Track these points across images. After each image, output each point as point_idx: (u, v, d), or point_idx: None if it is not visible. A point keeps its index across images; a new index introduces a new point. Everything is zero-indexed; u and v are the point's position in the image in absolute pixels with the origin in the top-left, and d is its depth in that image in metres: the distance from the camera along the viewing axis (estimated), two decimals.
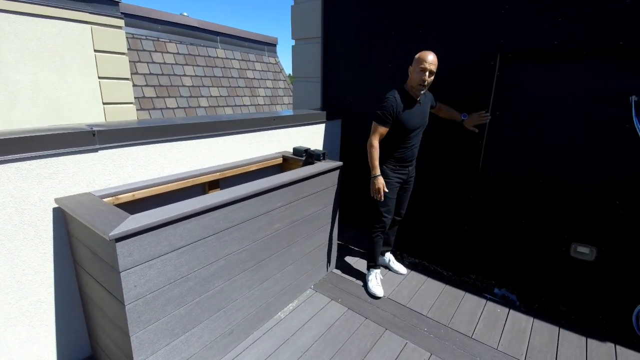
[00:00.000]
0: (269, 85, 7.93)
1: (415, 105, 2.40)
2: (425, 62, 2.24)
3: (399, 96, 2.34)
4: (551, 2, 2.29)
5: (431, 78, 2.30)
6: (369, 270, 2.72)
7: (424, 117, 2.48)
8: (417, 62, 2.28)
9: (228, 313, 2.02)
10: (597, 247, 2.43)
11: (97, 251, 1.56)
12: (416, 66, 2.28)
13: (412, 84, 2.34)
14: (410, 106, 2.38)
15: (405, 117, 2.36)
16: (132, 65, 5.40)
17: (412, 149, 2.50)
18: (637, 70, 2.12)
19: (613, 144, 2.26)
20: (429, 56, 2.25)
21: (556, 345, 2.18)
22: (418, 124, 2.44)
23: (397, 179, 2.53)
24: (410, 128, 2.40)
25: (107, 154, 1.89)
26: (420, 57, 2.27)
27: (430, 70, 2.25)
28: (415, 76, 2.29)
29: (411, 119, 2.38)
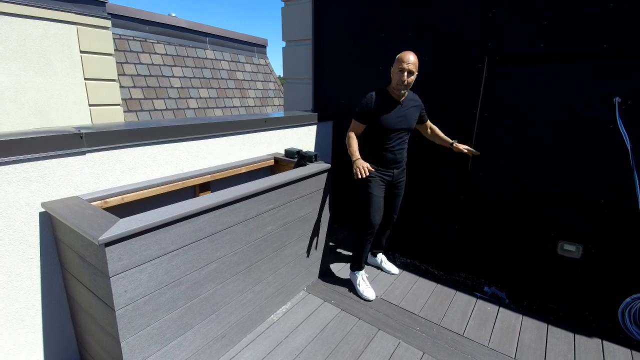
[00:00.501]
0: (259, 87, 7.90)
1: (396, 106, 2.37)
2: (404, 62, 2.22)
3: (377, 96, 2.35)
4: (536, 6, 2.34)
5: (411, 78, 2.27)
6: (355, 273, 2.67)
7: (405, 120, 2.41)
8: (397, 63, 2.27)
9: (220, 317, 2.00)
10: (583, 245, 2.48)
11: (85, 256, 1.53)
12: (396, 66, 2.27)
13: (392, 84, 2.33)
14: (389, 107, 2.36)
15: (382, 117, 2.34)
16: (119, 67, 5.31)
17: (395, 153, 2.45)
18: (620, 73, 2.18)
19: (598, 145, 2.32)
20: (409, 56, 2.23)
21: (545, 341, 2.22)
22: (397, 126, 2.38)
23: (381, 179, 2.49)
24: (388, 128, 2.36)
25: (95, 156, 1.86)
26: (400, 58, 2.25)
27: (409, 70, 2.23)
28: (395, 76, 2.29)
29: (389, 120, 2.35)
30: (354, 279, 2.68)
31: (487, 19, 2.55)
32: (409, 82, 2.28)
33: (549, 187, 2.54)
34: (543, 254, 2.65)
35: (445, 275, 3.00)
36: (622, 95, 2.18)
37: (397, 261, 3.18)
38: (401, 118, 2.39)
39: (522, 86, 2.54)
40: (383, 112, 2.34)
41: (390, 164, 2.48)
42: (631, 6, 2.05)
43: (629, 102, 2.16)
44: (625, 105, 2.18)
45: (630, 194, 2.22)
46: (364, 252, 2.61)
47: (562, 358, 2.08)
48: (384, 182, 2.51)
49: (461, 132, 2.81)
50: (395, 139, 2.43)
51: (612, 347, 2.16)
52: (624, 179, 2.23)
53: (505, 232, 2.78)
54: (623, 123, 2.18)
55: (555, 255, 2.61)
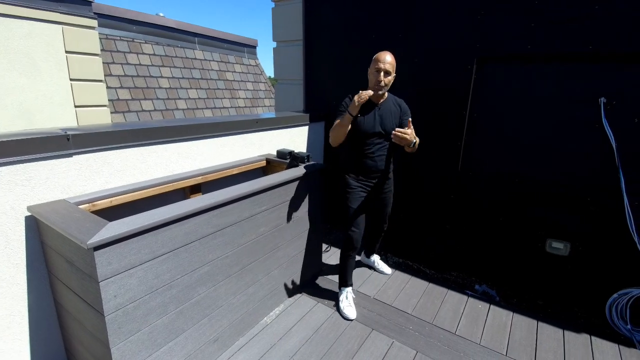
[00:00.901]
0: (250, 87, 7.85)
1: (373, 109, 2.25)
2: (380, 62, 2.13)
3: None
4: (524, 8, 2.38)
5: (388, 79, 2.17)
6: (340, 289, 2.53)
7: (383, 125, 2.25)
8: (373, 63, 2.17)
9: (213, 320, 1.98)
10: (570, 242, 2.53)
11: (73, 261, 1.49)
12: (372, 66, 2.17)
13: (369, 85, 2.22)
14: (366, 109, 2.22)
15: (359, 120, 2.21)
16: (106, 67, 5.22)
17: (375, 160, 2.30)
18: (605, 74, 2.23)
19: (584, 144, 2.37)
20: (385, 56, 2.14)
21: (535, 338, 2.25)
22: (373, 130, 2.23)
23: (362, 189, 2.36)
24: (364, 131, 2.23)
25: (83, 159, 1.82)
26: (376, 57, 2.16)
27: (385, 70, 2.13)
28: (371, 77, 2.19)
29: (365, 123, 2.22)
30: (339, 293, 2.53)
31: (476, 20, 2.58)
32: (386, 83, 2.17)
33: (537, 186, 2.59)
34: (532, 251, 2.70)
35: (437, 274, 3.03)
36: (607, 95, 2.23)
37: (389, 261, 3.19)
38: (379, 123, 2.25)
39: (510, 87, 2.58)
40: (360, 114, 2.22)
41: (371, 172, 2.33)
42: (616, 9, 2.10)
43: (614, 103, 2.22)
44: (610, 106, 2.23)
45: (616, 192, 2.27)
46: (348, 269, 2.48)
47: (552, 354, 2.11)
48: (365, 192, 2.37)
49: (451, 133, 2.84)
50: (374, 145, 2.28)
51: (600, 342, 2.20)
52: (610, 177, 2.29)
53: (495, 230, 2.82)
54: (608, 123, 2.23)
55: (543, 253, 2.65)
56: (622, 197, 2.23)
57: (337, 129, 2.19)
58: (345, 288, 2.51)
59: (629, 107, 2.18)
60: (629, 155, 2.22)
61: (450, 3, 2.67)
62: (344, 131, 2.19)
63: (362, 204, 2.36)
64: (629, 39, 2.10)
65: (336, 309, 2.47)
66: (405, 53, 2.93)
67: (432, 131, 2.92)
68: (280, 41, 3.72)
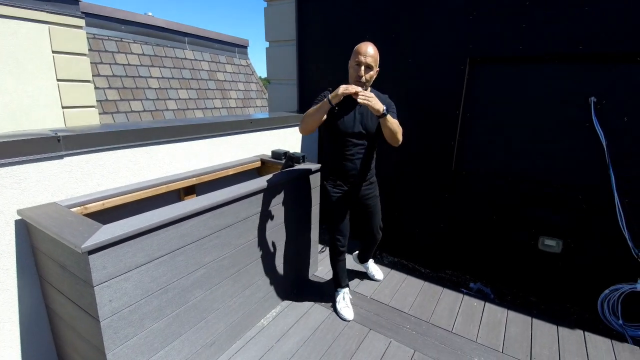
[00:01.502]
0: (241, 88, 7.80)
1: (354, 107, 2.04)
2: (360, 54, 1.91)
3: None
4: (514, 9, 2.42)
5: (369, 74, 1.96)
6: (337, 290, 2.49)
7: (363, 124, 2.06)
8: (353, 55, 1.96)
9: (209, 324, 1.95)
10: (562, 239, 2.57)
11: (67, 265, 1.45)
12: (352, 59, 1.97)
13: (350, 80, 2.03)
14: (347, 107, 2.01)
15: (338, 117, 2.03)
16: (94, 67, 5.12)
17: (355, 162, 2.12)
18: (595, 74, 2.28)
19: (575, 143, 2.41)
20: (367, 48, 1.92)
21: (530, 334, 2.28)
22: (354, 130, 2.05)
23: (341, 194, 2.22)
24: (344, 131, 2.05)
25: (74, 160, 1.77)
26: (356, 49, 1.95)
27: (367, 64, 1.92)
28: (351, 71, 1.99)
29: (345, 122, 2.04)
30: (336, 294, 2.50)
31: (469, 22, 2.61)
32: (367, 79, 1.97)
33: (530, 184, 2.62)
34: (525, 249, 2.73)
35: (432, 273, 3.05)
36: (597, 95, 2.27)
37: (384, 260, 3.20)
38: (360, 122, 2.06)
39: (503, 87, 2.61)
40: (340, 112, 2.01)
41: (350, 176, 2.16)
42: (605, 9, 2.15)
43: (604, 102, 2.26)
44: (600, 105, 2.28)
45: (607, 189, 2.31)
46: (339, 272, 2.43)
47: (548, 350, 2.14)
48: (345, 198, 2.23)
49: (445, 133, 2.86)
50: (355, 146, 2.10)
51: (594, 337, 2.24)
52: (601, 175, 2.33)
53: (489, 229, 2.85)
54: (599, 122, 2.28)
55: (536, 251, 2.69)
56: (612, 195, 2.28)
57: (311, 114, 1.96)
58: (341, 289, 2.49)
59: (619, 106, 2.23)
60: (619, 154, 2.27)
61: (443, 4, 2.69)
62: (319, 117, 1.96)
63: (343, 210, 2.25)
64: (618, 40, 2.15)
65: (333, 309, 2.46)
66: (398, 53, 2.94)
67: (426, 131, 2.94)
68: (273, 41, 3.70)
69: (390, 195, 3.11)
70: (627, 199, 2.26)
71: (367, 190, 2.29)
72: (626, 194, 2.26)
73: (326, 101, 1.90)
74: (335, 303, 2.48)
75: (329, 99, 1.89)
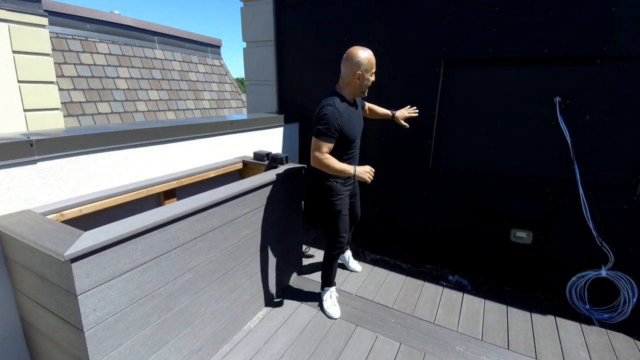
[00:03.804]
0: (215, 88, 7.65)
1: (353, 110, 2.18)
2: (375, 66, 2.09)
3: (340, 108, 2.03)
4: (485, 14, 2.54)
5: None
6: (324, 289, 2.52)
7: (362, 121, 2.31)
8: (370, 67, 2.05)
9: (196, 329, 1.91)
10: (533, 231, 2.73)
11: (46, 275, 1.38)
12: (368, 70, 2.06)
13: (361, 89, 2.12)
14: (350, 114, 2.13)
15: (349, 128, 2.09)
16: (57, 68, 4.86)
17: (356, 158, 2.30)
18: (559, 75, 2.44)
19: (542, 140, 2.57)
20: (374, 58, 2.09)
21: (506, 321, 2.41)
22: (359, 130, 2.25)
23: (347, 192, 2.35)
24: (355, 137, 2.19)
25: (48, 165, 1.69)
26: (373, 62, 2.06)
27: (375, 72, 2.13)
28: (367, 82, 2.09)
29: (354, 129, 2.16)
30: (322, 294, 2.52)
31: (443, 26, 2.71)
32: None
33: (502, 180, 2.76)
34: (498, 241, 2.87)
35: (413, 268, 3.13)
36: (561, 95, 2.44)
37: (367, 258, 3.26)
38: (360, 122, 2.26)
39: (475, 88, 2.74)
40: (348, 122, 2.09)
41: None
42: (568, 16, 2.30)
43: (568, 102, 2.43)
44: (564, 104, 2.44)
45: (572, 183, 2.48)
46: (333, 271, 2.48)
47: (523, 335, 2.27)
48: (349, 195, 2.38)
49: (422, 132, 2.95)
50: (357, 146, 2.27)
51: (564, 322, 2.40)
52: (566, 170, 2.50)
53: (465, 223, 2.97)
54: (563, 120, 2.44)
55: (509, 242, 2.84)
56: (577, 188, 2.44)
57: (333, 170, 2.06)
58: (329, 288, 2.52)
59: (581, 105, 2.40)
60: (582, 150, 2.44)
61: (418, 8, 2.78)
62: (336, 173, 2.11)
63: (347, 209, 2.34)
64: (580, 43, 2.31)
65: (320, 308, 2.49)
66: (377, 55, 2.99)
67: (404, 131, 3.01)
68: (250, 41, 3.67)
69: (371, 194, 3.17)
70: (590, 191, 2.43)
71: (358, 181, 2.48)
72: (589, 186, 2.44)
73: (351, 173, 2.05)
74: (322, 302, 2.50)
75: (355, 177, 2.07)
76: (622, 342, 2.22)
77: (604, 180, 2.43)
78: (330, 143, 2.04)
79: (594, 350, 2.15)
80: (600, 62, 2.30)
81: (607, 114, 2.35)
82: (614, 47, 2.23)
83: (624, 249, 2.41)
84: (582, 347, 2.17)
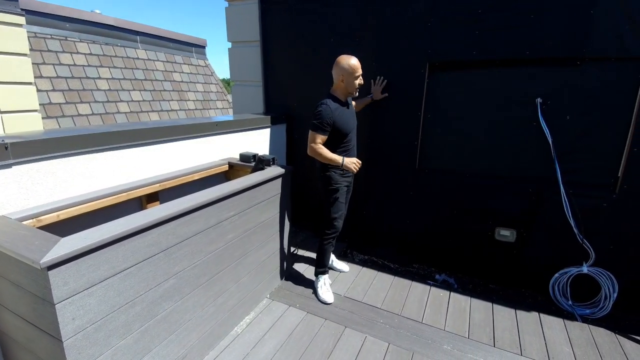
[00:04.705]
0: (200, 89, 7.54)
1: (348, 108, 2.48)
2: (359, 69, 2.36)
3: (332, 105, 2.36)
4: (468, 16, 2.57)
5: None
6: (318, 277, 2.70)
7: (355, 118, 2.57)
8: (352, 71, 2.34)
9: (181, 336, 1.87)
10: (516, 229, 2.77)
11: (21, 284, 1.33)
12: (352, 75, 2.35)
13: (349, 90, 2.40)
14: (343, 110, 2.42)
15: (341, 122, 2.38)
16: (35, 68, 4.71)
17: (353, 150, 2.54)
18: (541, 76, 2.49)
19: (524, 140, 2.62)
20: (359, 63, 2.38)
21: (492, 319, 2.44)
22: (353, 126, 2.51)
23: (346, 183, 2.55)
24: (349, 130, 2.45)
25: (23, 169, 1.63)
26: (356, 67, 2.35)
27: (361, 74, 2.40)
28: (353, 84, 2.38)
29: (347, 123, 2.43)
30: (316, 282, 2.69)
31: (427, 28, 2.73)
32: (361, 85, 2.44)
33: (486, 179, 2.80)
34: (483, 240, 2.91)
35: (401, 268, 3.15)
36: (542, 96, 2.49)
37: (355, 259, 3.26)
38: (352, 117, 2.52)
39: (459, 89, 2.77)
40: (341, 117, 2.38)
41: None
42: (548, 19, 2.35)
43: (549, 102, 2.48)
44: (545, 105, 2.49)
45: (553, 182, 2.53)
46: (326, 255, 2.65)
47: (509, 332, 2.30)
48: (347, 185, 2.58)
49: (409, 133, 2.97)
50: (352, 139, 2.51)
51: (548, 318, 2.45)
52: (547, 169, 2.55)
53: (450, 222, 3.00)
54: (545, 120, 2.49)
55: (493, 241, 2.88)
56: (558, 187, 2.50)
57: (324, 158, 2.38)
58: (322, 275, 2.67)
59: (562, 106, 2.45)
60: (563, 149, 2.49)
61: (402, 10, 2.79)
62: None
63: (345, 195, 2.58)
64: (559, 46, 2.37)
65: (315, 295, 2.62)
66: (363, 58, 3.00)
67: (391, 132, 3.04)
68: (235, 42, 3.63)
69: (359, 195, 3.17)
70: (571, 190, 2.48)
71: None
72: (570, 185, 2.49)
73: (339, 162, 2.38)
74: (316, 290, 2.65)
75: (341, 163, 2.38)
76: (603, 336, 2.28)
77: (584, 179, 2.49)
78: (324, 135, 2.36)
79: (577, 346, 2.19)
80: (579, 63, 2.36)
81: (586, 114, 2.41)
82: (592, 48, 2.29)
83: (604, 245, 2.48)
84: (565, 343, 2.22)
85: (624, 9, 2.17)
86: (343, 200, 2.56)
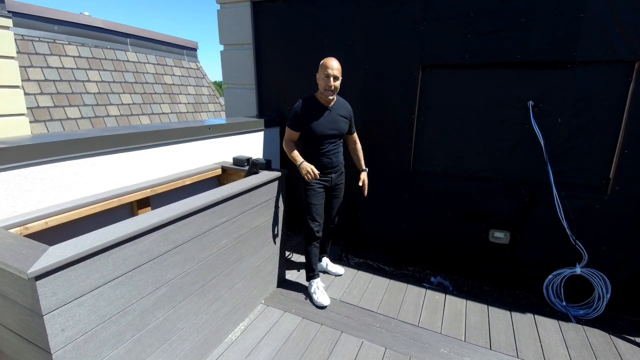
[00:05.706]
0: (191, 92, 7.47)
1: (324, 112, 2.41)
2: (328, 68, 2.29)
3: (306, 103, 2.38)
4: (460, 20, 2.59)
5: (337, 83, 2.34)
6: (310, 282, 2.68)
7: (336, 125, 2.44)
8: (321, 69, 2.33)
9: (174, 345, 1.83)
10: (510, 231, 2.79)
11: (8, 294, 1.28)
12: (321, 73, 2.32)
13: (320, 90, 2.38)
14: (318, 113, 2.39)
15: (313, 124, 2.37)
16: (23, 71, 4.62)
17: (330, 157, 2.46)
18: (532, 79, 2.51)
19: (517, 142, 2.64)
20: (332, 62, 2.31)
21: (488, 321, 2.44)
22: (328, 131, 2.41)
23: (319, 185, 2.50)
24: (320, 134, 2.39)
25: (10, 175, 1.58)
26: (324, 64, 2.32)
27: (334, 75, 2.30)
28: (322, 82, 2.34)
29: (320, 126, 2.38)
30: (309, 287, 2.68)
31: (420, 31, 2.74)
32: (336, 87, 2.35)
33: (479, 181, 2.82)
34: (477, 242, 2.92)
35: (396, 271, 3.14)
36: (534, 99, 2.51)
37: (350, 262, 3.24)
38: (332, 124, 2.43)
39: (452, 92, 2.78)
40: (313, 119, 2.37)
41: (327, 169, 2.49)
42: (539, 22, 2.38)
43: (541, 105, 2.50)
44: (537, 108, 2.51)
45: (546, 184, 2.55)
46: (312, 259, 2.63)
47: (504, 334, 2.30)
48: (322, 188, 2.52)
49: (402, 136, 2.97)
50: (329, 144, 2.45)
51: (543, 319, 2.45)
52: (540, 171, 2.57)
53: (445, 225, 3.01)
54: (536, 123, 2.51)
55: (487, 243, 2.89)
56: (551, 188, 2.52)
57: (288, 154, 2.44)
58: (314, 280, 2.65)
59: (553, 108, 2.48)
60: (555, 151, 2.51)
61: (396, 13, 2.80)
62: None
63: (320, 198, 2.53)
64: (550, 49, 2.39)
65: (310, 300, 2.60)
66: (356, 61, 3.01)
67: (385, 135, 3.03)
68: (227, 44, 3.60)
69: (354, 199, 3.16)
70: (563, 191, 2.51)
71: (339, 179, 2.62)
72: (562, 187, 2.51)
73: (297, 163, 2.38)
74: (310, 294, 2.62)
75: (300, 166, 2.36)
76: (598, 337, 2.29)
77: (576, 180, 2.52)
78: (294, 131, 2.42)
79: (572, 347, 2.20)
80: (570, 66, 2.38)
81: (578, 117, 2.44)
82: (582, 52, 2.32)
83: (597, 247, 2.50)
84: (561, 345, 2.23)
85: (614, 13, 2.20)
86: (317, 202, 2.50)
